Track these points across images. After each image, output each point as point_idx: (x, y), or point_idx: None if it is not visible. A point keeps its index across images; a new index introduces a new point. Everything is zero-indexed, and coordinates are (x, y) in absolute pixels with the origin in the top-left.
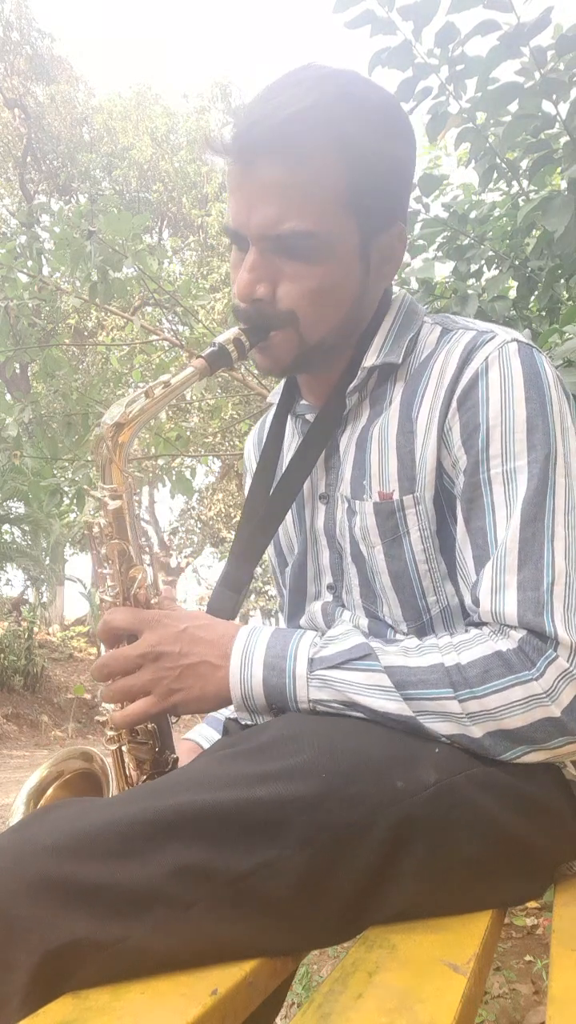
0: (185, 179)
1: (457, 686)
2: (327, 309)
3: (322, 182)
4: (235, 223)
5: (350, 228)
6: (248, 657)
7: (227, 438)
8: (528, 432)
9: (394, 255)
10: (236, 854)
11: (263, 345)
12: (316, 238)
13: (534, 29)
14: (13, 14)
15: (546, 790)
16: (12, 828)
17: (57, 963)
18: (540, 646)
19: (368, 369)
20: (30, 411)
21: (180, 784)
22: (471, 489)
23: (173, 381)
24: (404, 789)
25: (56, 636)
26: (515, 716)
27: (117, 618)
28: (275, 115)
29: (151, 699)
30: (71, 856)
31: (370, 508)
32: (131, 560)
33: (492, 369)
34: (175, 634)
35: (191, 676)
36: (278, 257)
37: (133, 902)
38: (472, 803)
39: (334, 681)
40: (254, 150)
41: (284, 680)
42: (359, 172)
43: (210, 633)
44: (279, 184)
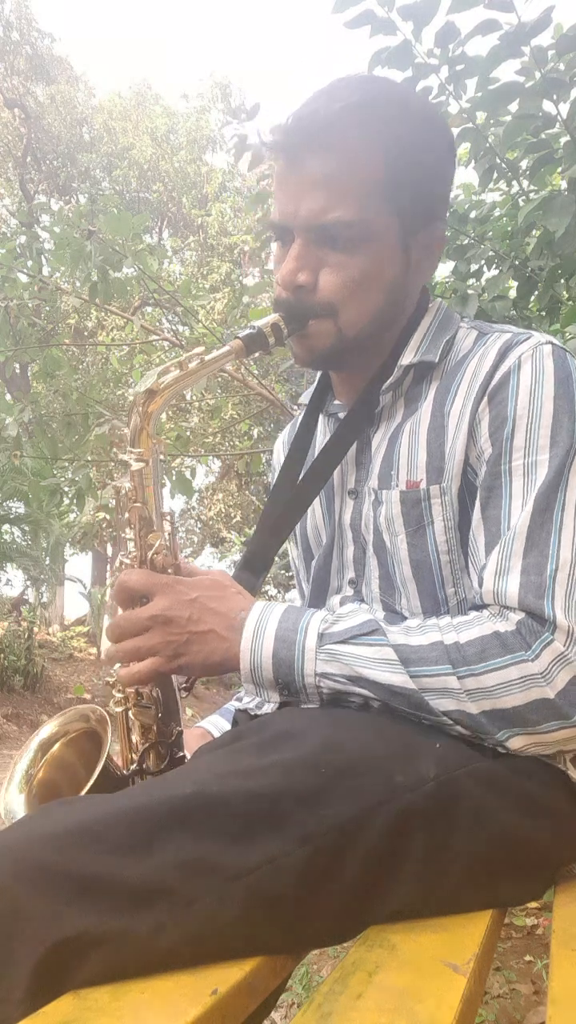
0: (185, 179)
1: (456, 663)
2: (366, 299)
3: (366, 175)
4: (281, 216)
5: (391, 222)
6: (260, 629)
7: (227, 438)
8: (553, 428)
9: (432, 254)
10: (239, 849)
11: (301, 334)
12: (359, 228)
13: (535, 29)
14: (13, 14)
15: (549, 790)
16: (17, 822)
17: (60, 957)
18: (537, 629)
19: (405, 367)
20: (30, 411)
21: (184, 778)
22: (491, 478)
23: (207, 357)
24: (403, 784)
25: (56, 636)
26: (512, 695)
27: (132, 579)
28: (321, 111)
29: (157, 660)
30: (75, 849)
31: (396, 496)
32: (151, 525)
33: (524, 367)
34: (187, 601)
35: (197, 643)
36: (322, 248)
37: (136, 896)
38: (472, 799)
39: (341, 655)
40: (300, 145)
41: (293, 653)
42: (401, 169)
43: (221, 605)
44: (325, 176)
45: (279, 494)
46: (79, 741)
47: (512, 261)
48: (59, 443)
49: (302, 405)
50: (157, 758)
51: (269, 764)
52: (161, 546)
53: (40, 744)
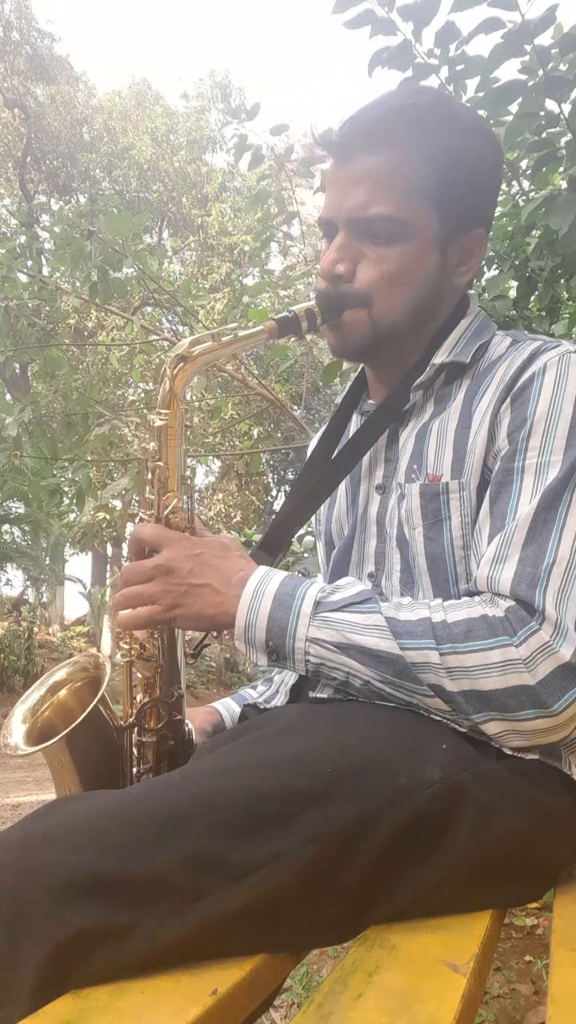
0: (185, 179)
1: (440, 640)
2: (400, 293)
3: (409, 174)
4: (328, 212)
5: (432, 221)
6: (261, 590)
7: (227, 438)
8: (570, 432)
9: (472, 257)
10: (245, 846)
11: (335, 323)
12: (399, 223)
13: (539, 26)
14: (13, 14)
15: (551, 792)
16: (21, 821)
17: (66, 953)
18: (525, 617)
19: (437, 366)
20: (30, 411)
21: (190, 775)
22: (503, 474)
23: (241, 334)
24: (408, 786)
25: (56, 636)
26: (491, 677)
27: (144, 531)
28: (372, 111)
29: (155, 607)
30: (80, 847)
31: (417, 489)
32: (167, 486)
33: (549, 372)
34: (190, 555)
35: (194, 595)
36: (363, 241)
37: (141, 892)
38: (476, 802)
39: (334, 621)
40: (350, 143)
41: (288, 616)
42: (446, 171)
43: (223, 563)
44: (370, 172)
45: (303, 481)
46: (83, 689)
47: (512, 261)
48: (59, 443)
49: (337, 405)
50: (156, 717)
51: (275, 762)
52: (177, 507)
53: (53, 685)
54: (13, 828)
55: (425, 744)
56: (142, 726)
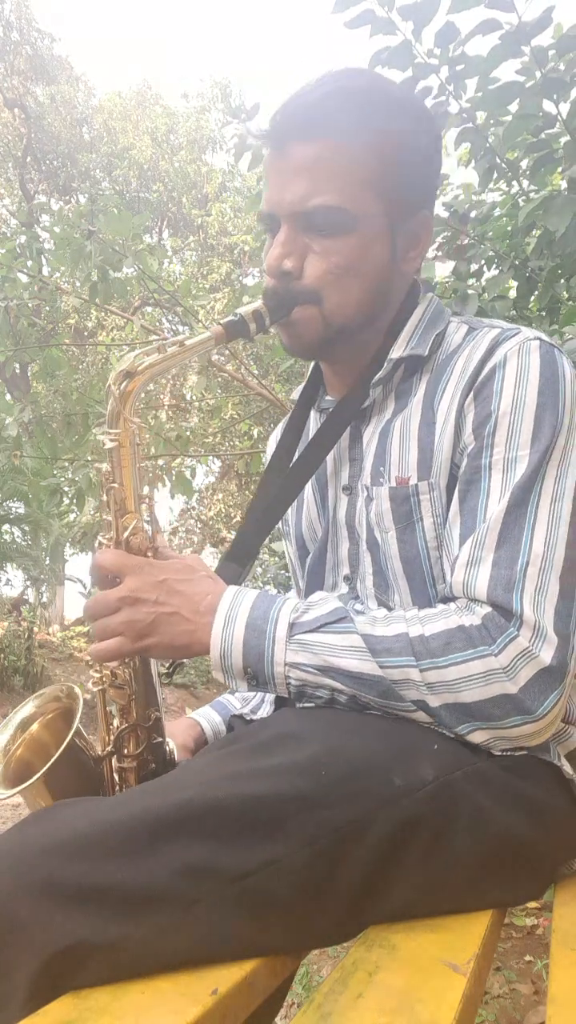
0: (185, 179)
1: (419, 656)
2: (351, 286)
3: (350, 161)
4: (268, 205)
5: (377, 208)
6: (232, 616)
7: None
8: (535, 425)
9: (420, 242)
10: (239, 852)
11: (286, 322)
12: (343, 213)
13: (536, 28)
14: (13, 14)
15: (544, 788)
16: (12, 829)
17: (59, 964)
18: (502, 624)
19: (395, 361)
20: (30, 411)
21: (182, 782)
22: (471, 472)
23: (188, 343)
24: (403, 787)
25: (56, 636)
26: (472, 689)
27: (105, 558)
28: (306, 97)
29: (122, 639)
30: (72, 857)
31: (386, 493)
32: (126, 507)
33: (510, 363)
34: (154, 583)
35: (163, 624)
36: (307, 234)
37: (136, 902)
38: (470, 800)
39: (311, 644)
40: (286, 133)
41: (263, 642)
42: (386, 155)
43: (189, 588)
44: (309, 161)
45: (267, 486)
46: (55, 721)
47: (512, 261)
48: (59, 443)
49: (294, 401)
50: (135, 742)
51: (269, 768)
52: (137, 527)
53: (21, 722)
54: (3, 836)
55: (417, 745)
56: (121, 753)
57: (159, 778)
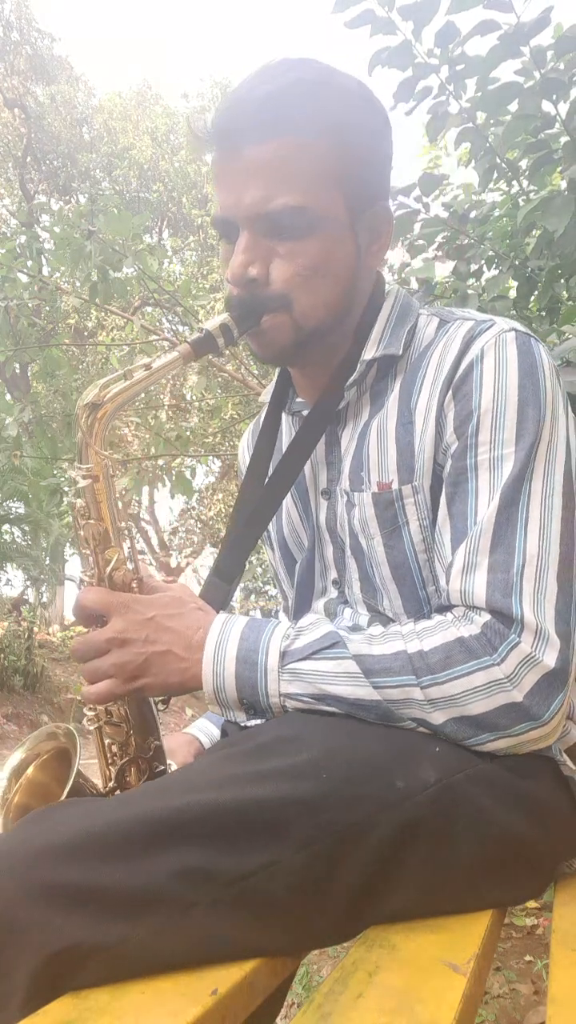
0: (185, 179)
1: (419, 672)
2: (321, 287)
3: (310, 158)
4: (224, 211)
5: (339, 205)
6: (221, 651)
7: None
8: (518, 420)
9: (381, 233)
10: (237, 855)
11: (255, 331)
12: (307, 213)
13: (534, 29)
14: (13, 14)
15: (545, 787)
16: (11, 832)
17: (57, 966)
18: (503, 631)
19: (368, 362)
20: (30, 411)
21: (180, 785)
22: (457, 473)
23: (155, 365)
24: (404, 789)
25: (56, 636)
26: (477, 702)
27: (88, 598)
28: (254, 93)
29: (115, 682)
30: (71, 859)
31: (368, 499)
32: (108, 541)
33: (487, 357)
34: (142, 621)
35: (156, 664)
36: (270, 238)
37: (134, 904)
38: (472, 802)
39: (304, 672)
40: (235, 131)
41: (256, 675)
42: (345, 148)
43: (179, 623)
44: (265, 162)
45: (247, 496)
46: (51, 762)
47: (512, 261)
48: (59, 443)
49: (263, 404)
50: (137, 774)
51: (268, 770)
52: (120, 561)
53: (13, 770)
54: (2, 837)
55: (419, 747)
56: (124, 787)
57: (157, 780)
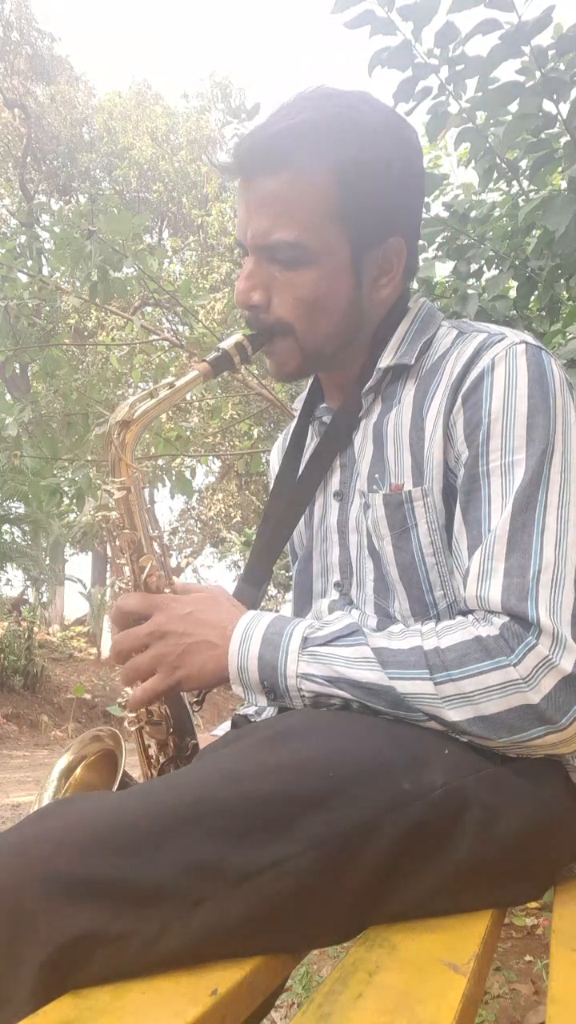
0: (185, 179)
1: (434, 668)
2: (318, 318)
3: (310, 194)
4: (239, 233)
5: (339, 242)
6: (249, 634)
7: (227, 438)
8: (528, 428)
9: (391, 268)
10: (245, 851)
11: (268, 350)
12: (302, 248)
13: (535, 28)
14: (13, 14)
15: (552, 792)
16: (20, 824)
17: (65, 958)
18: (520, 633)
19: (383, 370)
20: (30, 411)
21: (190, 779)
22: (470, 481)
23: (177, 384)
24: (411, 791)
25: (56, 636)
26: (492, 701)
27: (129, 603)
28: (268, 129)
29: (158, 676)
30: (80, 851)
31: (380, 500)
32: (141, 549)
33: (498, 367)
34: (181, 616)
35: (193, 653)
36: (272, 266)
37: (142, 898)
38: (480, 806)
39: (322, 656)
40: (249, 165)
41: (278, 654)
42: (347, 187)
43: (213, 616)
44: (270, 195)
45: (275, 503)
46: (98, 764)
47: (512, 261)
48: (59, 443)
49: (296, 410)
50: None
51: (276, 765)
52: (154, 568)
53: (61, 772)
54: (11, 831)
55: (428, 749)
56: None
57: (168, 775)
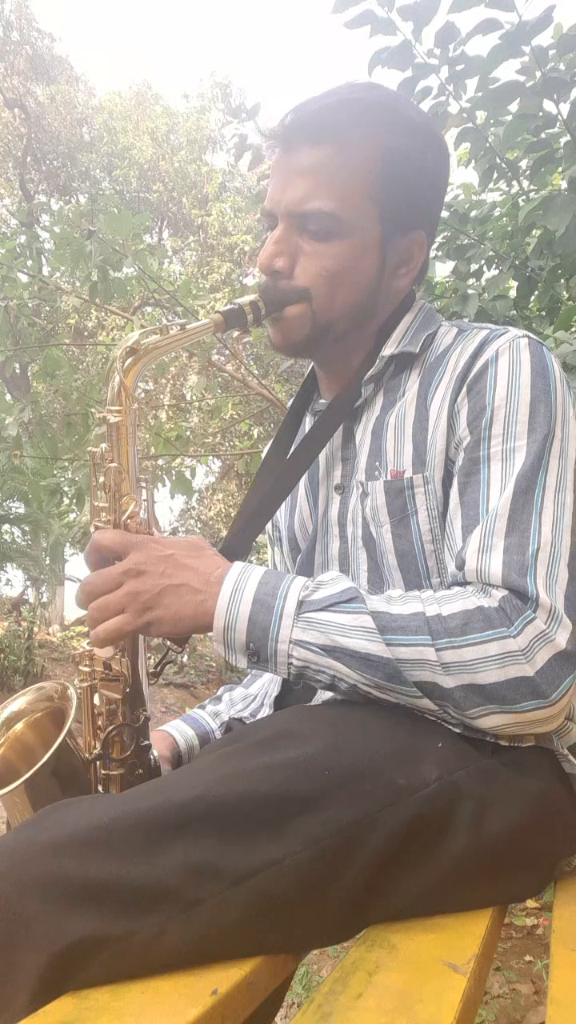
0: (185, 179)
1: (436, 635)
2: (340, 289)
3: (352, 170)
4: (270, 203)
5: (372, 219)
6: (239, 590)
7: (227, 438)
8: (530, 415)
9: (412, 260)
10: (242, 851)
11: (277, 317)
12: (337, 220)
13: (536, 28)
14: (13, 14)
15: (545, 783)
16: (16, 828)
17: (64, 962)
18: (520, 606)
19: (386, 358)
20: (30, 411)
21: (186, 780)
22: (470, 464)
23: (189, 327)
24: (406, 787)
25: (56, 636)
26: (490, 671)
27: (105, 537)
28: (318, 103)
29: (127, 615)
30: (77, 856)
31: (380, 487)
32: (125, 489)
33: (502, 358)
34: (160, 556)
35: (170, 595)
36: (301, 235)
37: (140, 900)
38: (473, 799)
39: (319, 623)
40: (295, 133)
41: (270, 618)
42: (389, 170)
43: (197, 562)
44: (312, 165)
45: (259, 485)
46: (43, 721)
47: (512, 261)
48: (59, 443)
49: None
50: (121, 746)
51: (271, 765)
52: (135, 512)
53: (7, 718)
54: (6, 836)
55: (421, 743)
56: (108, 757)
57: (163, 776)
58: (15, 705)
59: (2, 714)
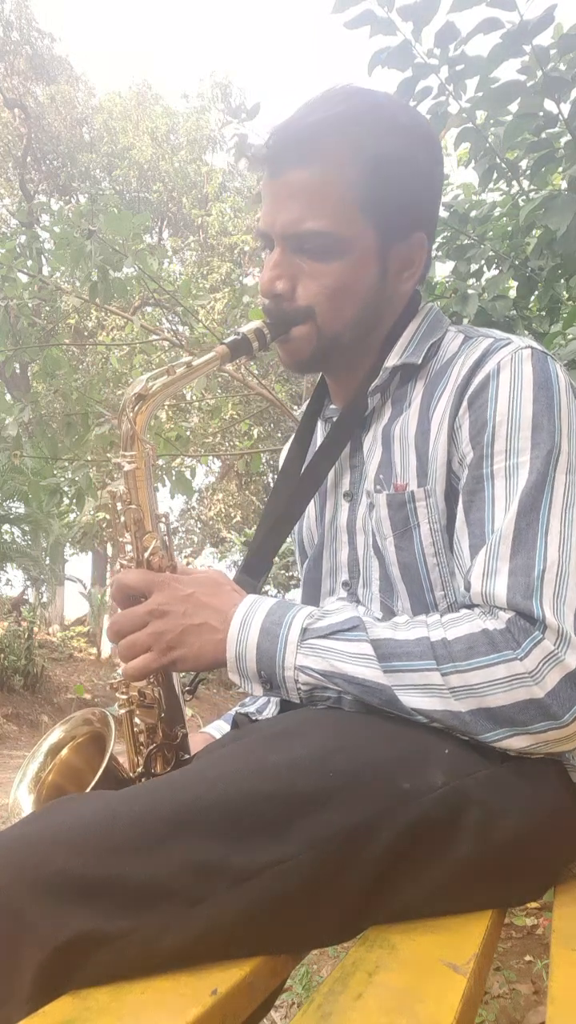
0: (185, 179)
1: (441, 660)
2: (343, 305)
3: (342, 186)
4: (264, 225)
5: (367, 232)
6: (248, 620)
7: (227, 438)
8: (533, 430)
9: (414, 262)
10: (245, 851)
11: (284, 339)
12: (332, 238)
13: (537, 27)
14: (13, 14)
15: (553, 792)
16: (19, 823)
17: (64, 958)
18: (527, 628)
19: (390, 369)
20: (30, 411)
21: (190, 779)
22: (473, 482)
23: (195, 363)
24: (411, 791)
25: (56, 636)
26: (497, 694)
27: (129, 578)
28: (301, 121)
29: (152, 654)
30: (79, 850)
31: (384, 500)
32: (146, 527)
33: (504, 371)
34: (182, 596)
35: (192, 635)
36: (299, 256)
37: (141, 897)
38: (480, 806)
39: (321, 649)
40: (281, 155)
41: (276, 645)
42: (379, 180)
43: (215, 600)
44: (302, 186)
45: (277, 497)
46: (86, 745)
47: (512, 261)
48: (59, 443)
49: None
50: (163, 761)
51: (276, 764)
52: (156, 548)
53: (50, 748)
54: (9, 830)
55: (428, 749)
56: (151, 774)
57: (167, 775)
58: (55, 735)
59: (45, 744)
